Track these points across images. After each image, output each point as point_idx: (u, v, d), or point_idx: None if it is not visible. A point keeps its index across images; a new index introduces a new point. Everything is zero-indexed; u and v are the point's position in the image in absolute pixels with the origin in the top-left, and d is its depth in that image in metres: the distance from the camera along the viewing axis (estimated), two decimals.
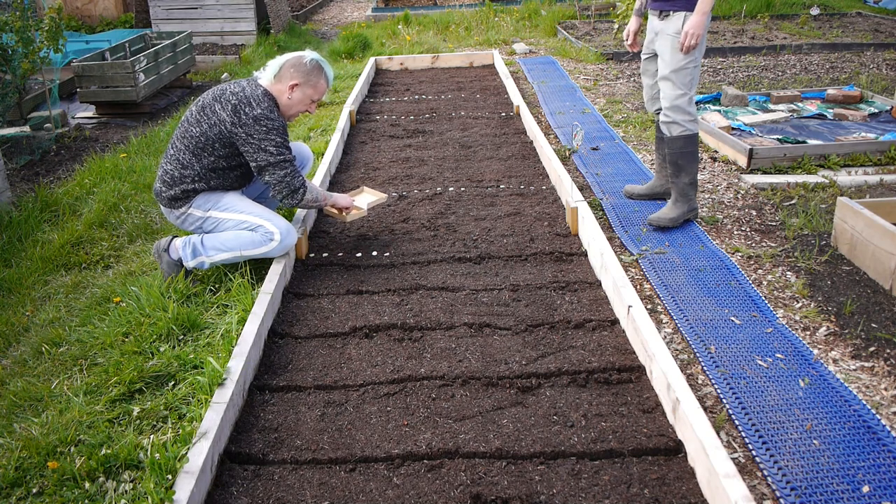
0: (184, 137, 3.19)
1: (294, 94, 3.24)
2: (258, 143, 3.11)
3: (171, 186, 3.22)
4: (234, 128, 3.10)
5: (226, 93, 3.17)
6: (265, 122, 3.10)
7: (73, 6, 10.08)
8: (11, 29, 5.40)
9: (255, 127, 3.09)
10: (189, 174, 3.20)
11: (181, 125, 3.24)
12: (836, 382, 2.50)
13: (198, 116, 3.17)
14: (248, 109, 3.09)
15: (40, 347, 2.97)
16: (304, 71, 3.24)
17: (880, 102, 5.43)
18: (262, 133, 3.10)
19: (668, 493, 2.03)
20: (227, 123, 3.11)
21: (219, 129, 3.12)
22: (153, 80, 6.67)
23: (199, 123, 3.16)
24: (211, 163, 3.20)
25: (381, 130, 5.58)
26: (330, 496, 2.08)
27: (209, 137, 3.14)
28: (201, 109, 3.18)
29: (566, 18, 10.21)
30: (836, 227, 3.39)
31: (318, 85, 3.30)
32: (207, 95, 3.23)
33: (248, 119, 3.09)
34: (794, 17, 9.60)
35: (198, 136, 3.15)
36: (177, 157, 3.20)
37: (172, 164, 3.21)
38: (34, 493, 2.13)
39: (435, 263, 3.42)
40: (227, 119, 3.10)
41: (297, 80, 3.23)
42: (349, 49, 8.78)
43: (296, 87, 3.24)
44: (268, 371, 2.68)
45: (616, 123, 5.58)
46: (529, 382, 2.51)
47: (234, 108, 3.10)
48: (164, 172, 3.24)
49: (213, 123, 3.13)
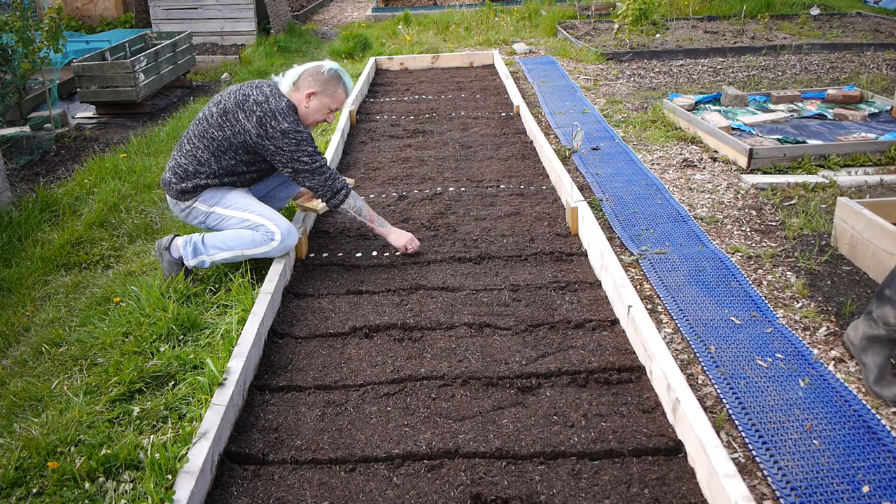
0: (203, 137, 3.19)
1: (311, 102, 3.26)
2: (290, 155, 3.15)
3: (184, 180, 3.23)
4: (260, 139, 3.13)
5: (248, 100, 3.16)
6: (293, 135, 3.13)
7: (73, 6, 10.08)
8: (11, 29, 5.39)
9: (284, 140, 3.12)
10: (205, 171, 3.22)
11: (199, 123, 3.23)
12: (836, 382, 2.50)
13: (220, 120, 3.17)
14: (275, 123, 3.11)
15: (40, 347, 2.97)
16: (322, 80, 3.26)
17: (880, 102, 5.43)
18: (293, 146, 3.14)
19: (668, 493, 2.03)
20: (253, 135, 3.13)
21: (243, 138, 3.15)
22: (153, 80, 6.67)
23: (221, 128, 3.16)
24: (231, 165, 3.23)
25: (381, 130, 5.58)
26: (330, 496, 2.08)
27: (232, 144, 3.17)
28: (223, 113, 3.17)
29: (566, 18, 10.21)
30: (836, 227, 3.39)
31: (336, 95, 3.31)
32: (229, 99, 3.20)
33: (275, 133, 3.11)
34: (794, 17, 9.60)
35: (220, 140, 3.17)
36: (194, 154, 3.21)
37: (188, 160, 3.22)
38: (34, 493, 2.13)
39: (435, 263, 3.42)
40: (252, 131, 3.13)
41: (314, 88, 3.25)
42: (349, 49, 8.78)
43: (313, 95, 3.25)
44: (268, 371, 2.68)
45: (616, 123, 5.58)
46: (529, 382, 2.51)
47: (259, 120, 3.12)
48: (178, 165, 3.25)
49: (237, 132, 3.14)
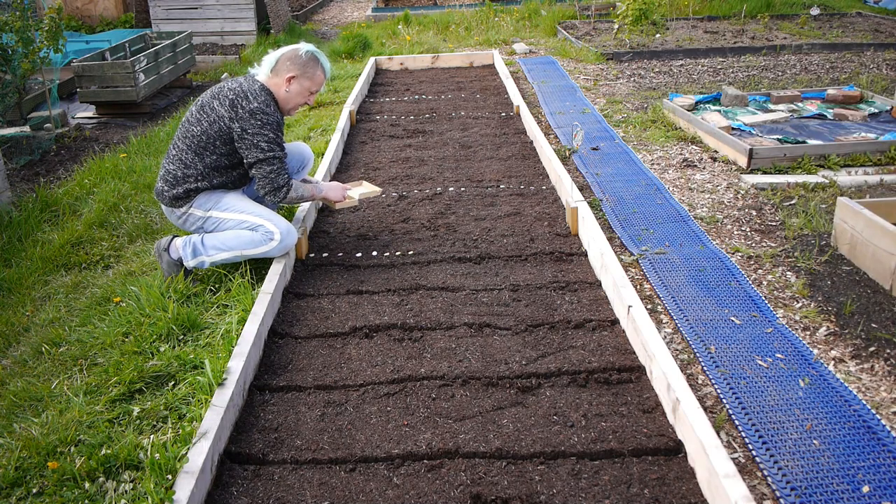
0: (185, 137, 3.21)
1: (292, 86, 3.26)
2: (251, 139, 3.12)
3: (174, 186, 3.23)
4: (231, 122, 3.13)
5: (223, 90, 3.20)
6: (260, 115, 3.12)
7: (73, 6, 10.08)
8: (11, 29, 5.40)
9: (251, 121, 3.11)
10: (192, 173, 3.21)
11: (182, 125, 3.26)
12: (836, 382, 2.50)
13: (198, 116, 3.20)
14: (245, 103, 3.12)
15: (40, 347, 2.97)
16: (300, 63, 3.25)
17: (880, 102, 5.43)
18: (257, 127, 3.11)
19: (668, 493, 2.03)
20: (226, 119, 3.14)
21: (218, 125, 3.15)
22: (153, 80, 6.67)
23: (199, 122, 3.18)
24: (213, 161, 3.22)
25: (381, 130, 5.58)
26: (330, 496, 2.08)
27: (210, 135, 3.16)
28: (200, 108, 3.21)
29: (566, 18, 10.21)
30: (836, 227, 3.39)
31: (316, 76, 3.30)
32: (206, 95, 3.26)
33: (244, 112, 3.11)
34: (794, 17, 9.60)
35: (199, 134, 3.17)
36: (179, 157, 3.22)
37: (175, 164, 3.23)
38: (34, 493, 2.13)
39: (435, 263, 3.42)
40: (225, 115, 3.13)
41: (293, 72, 3.24)
42: (349, 49, 8.78)
43: (293, 79, 3.25)
44: (268, 371, 2.68)
45: (616, 123, 5.57)
46: (529, 382, 2.51)
47: (231, 102, 3.13)
48: (167, 172, 3.25)
49: (212, 121, 3.15)
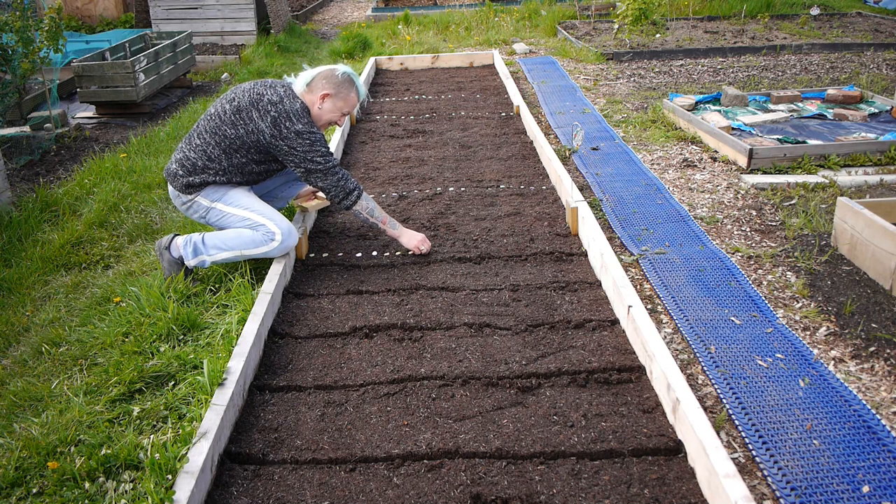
0: (215, 134, 3.20)
1: (325, 104, 3.30)
2: (303, 156, 3.18)
3: (191, 174, 3.24)
4: (273, 140, 3.17)
5: (263, 100, 3.18)
6: (307, 136, 3.17)
7: (73, 6, 10.08)
8: (11, 29, 5.39)
9: (298, 141, 3.16)
10: (214, 167, 3.23)
11: (211, 119, 3.23)
12: (836, 382, 2.50)
13: (233, 118, 3.19)
14: (289, 124, 3.15)
15: (40, 347, 2.97)
16: (335, 82, 3.30)
17: (880, 102, 5.43)
18: (307, 146, 3.17)
19: (668, 493, 2.03)
20: (267, 135, 3.16)
21: (257, 137, 3.18)
22: (153, 80, 6.67)
23: (234, 125, 3.18)
24: (241, 163, 3.25)
25: (381, 130, 5.58)
26: (330, 496, 2.08)
27: (245, 142, 3.19)
28: (237, 111, 3.19)
29: (566, 18, 10.21)
30: (836, 227, 3.39)
31: (350, 97, 3.35)
32: (244, 97, 3.22)
33: (289, 133, 3.15)
34: (794, 17, 9.60)
35: (233, 137, 3.18)
36: (203, 149, 3.22)
37: (197, 154, 3.23)
38: (34, 493, 2.13)
39: (435, 263, 3.42)
40: (266, 131, 3.16)
41: (328, 90, 3.28)
42: (349, 49, 8.79)
43: (327, 97, 3.29)
44: (268, 371, 2.68)
45: (616, 123, 5.58)
46: (529, 382, 2.51)
47: (273, 120, 3.15)
48: (186, 158, 3.25)
49: (250, 131, 3.17)
